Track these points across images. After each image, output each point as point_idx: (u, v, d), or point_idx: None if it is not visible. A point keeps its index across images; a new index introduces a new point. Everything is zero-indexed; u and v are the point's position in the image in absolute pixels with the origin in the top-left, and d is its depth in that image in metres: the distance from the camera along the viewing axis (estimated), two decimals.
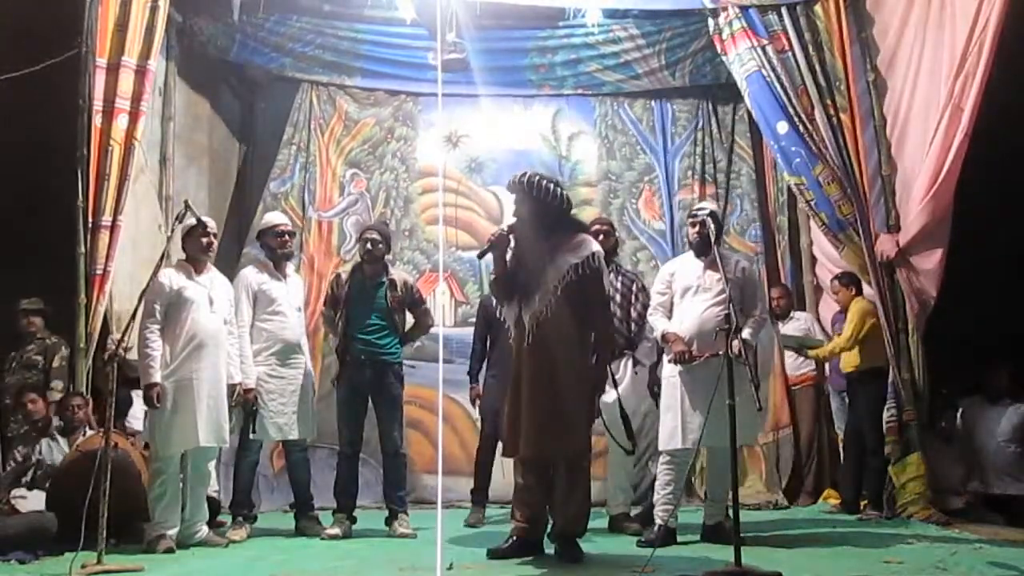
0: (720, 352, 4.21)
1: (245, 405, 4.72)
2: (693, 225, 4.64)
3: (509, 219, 6.88)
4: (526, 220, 4.06)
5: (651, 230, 7.04)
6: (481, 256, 4.48)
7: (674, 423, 4.45)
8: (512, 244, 4.09)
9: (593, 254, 3.96)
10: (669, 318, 4.63)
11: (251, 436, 4.84)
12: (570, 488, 3.94)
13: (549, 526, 4.08)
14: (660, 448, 4.57)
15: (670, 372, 4.54)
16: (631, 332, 4.96)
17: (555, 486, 3.97)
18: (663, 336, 4.59)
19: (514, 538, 4.02)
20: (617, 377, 4.87)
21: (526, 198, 4.03)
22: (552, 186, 4.02)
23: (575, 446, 3.91)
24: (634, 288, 5.04)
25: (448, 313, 6.82)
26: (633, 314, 4.97)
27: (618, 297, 4.97)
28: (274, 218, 5.20)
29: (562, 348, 3.90)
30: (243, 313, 4.84)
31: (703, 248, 4.57)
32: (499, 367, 5.21)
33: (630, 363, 4.94)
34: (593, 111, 7.30)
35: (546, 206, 4.00)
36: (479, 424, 5.62)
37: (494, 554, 3.95)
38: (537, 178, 4.04)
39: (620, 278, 5.06)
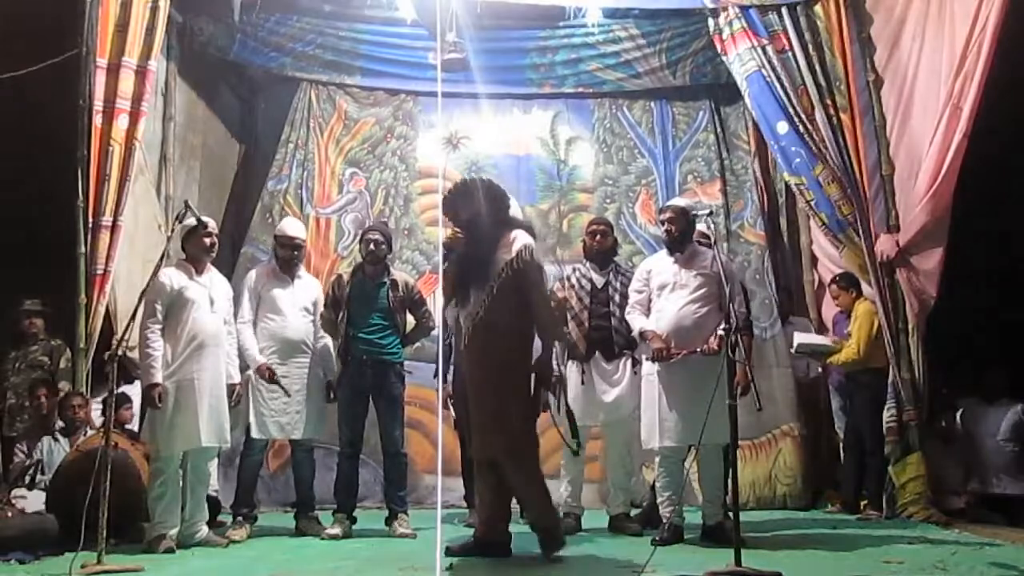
0: (699, 349, 4.31)
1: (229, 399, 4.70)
2: (662, 223, 4.69)
3: None
4: (470, 222, 4.06)
5: (647, 234, 7.03)
6: (445, 261, 4.48)
7: (652, 421, 4.48)
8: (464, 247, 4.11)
9: (524, 247, 3.92)
10: (647, 316, 4.64)
11: (252, 435, 4.85)
12: (526, 483, 3.92)
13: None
14: (643, 446, 4.61)
15: (648, 370, 4.56)
16: (630, 332, 4.96)
17: (513, 484, 3.96)
18: (641, 334, 4.60)
19: (473, 538, 4.03)
20: (616, 377, 4.92)
21: (470, 201, 4.04)
22: (492, 188, 4.08)
23: (515, 443, 3.87)
24: None
25: None
26: None
27: (617, 298, 4.98)
28: (287, 227, 5.18)
29: (499, 347, 3.86)
30: (243, 310, 4.88)
31: (676, 245, 4.61)
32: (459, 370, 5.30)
33: (629, 363, 4.95)
34: (592, 114, 7.31)
35: (486, 208, 4.01)
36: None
37: (450, 551, 3.91)
38: (478, 181, 4.13)
39: (619, 278, 5.06)
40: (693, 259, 4.58)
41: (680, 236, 4.59)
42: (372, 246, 4.98)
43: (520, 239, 3.96)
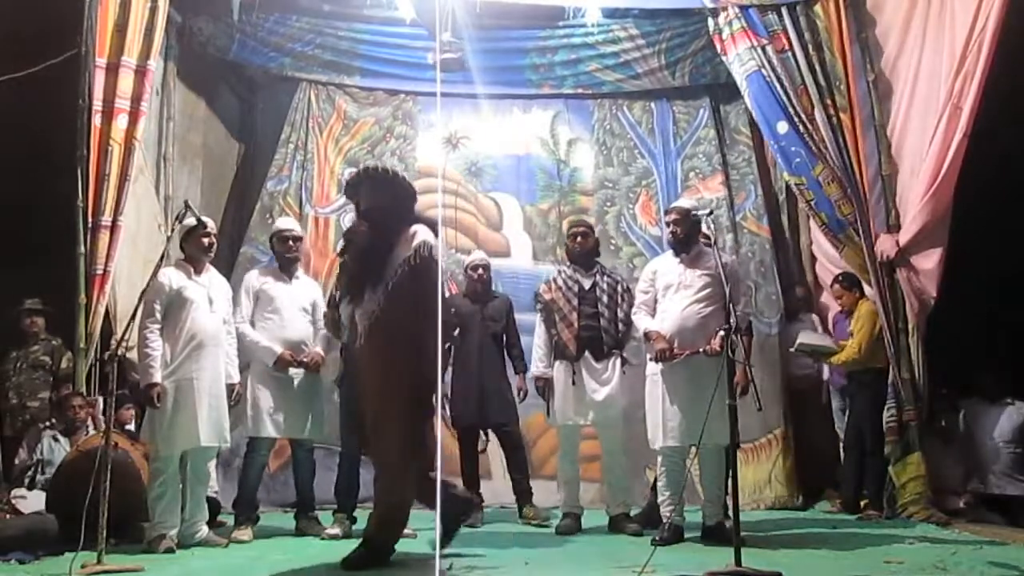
0: (702, 350, 4.32)
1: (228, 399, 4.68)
2: (667, 224, 4.70)
3: (508, 225, 7.05)
4: (371, 213, 3.86)
5: (647, 235, 7.04)
6: (341, 254, 4.22)
7: (655, 421, 4.50)
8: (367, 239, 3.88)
9: (424, 243, 3.71)
10: (653, 316, 4.66)
11: (253, 434, 4.83)
12: (386, 491, 3.80)
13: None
14: (650, 446, 4.61)
15: (652, 370, 4.57)
16: (618, 332, 4.99)
17: (379, 487, 3.86)
18: (646, 334, 4.62)
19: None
20: (605, 376, 4.95)
21: (372, 190, 3.87)
22: (398, 180, 3.93)
23: (398, 449, 3.71)
24: (619, 289, 5.08)
25: None
26: (620, 314, 5.00)
27: (605, 298, 5.02)
28: (283, 223, 5.22)
29: (393, 349, 3.66)
30: (242, 309, 4.87)
31: (682, 246, 4.63)
32: (465, 367, 5.39)
33: (618, 362, 4.98)
34: (591, 115, 7.32)
35: (393, 199, 3.87)
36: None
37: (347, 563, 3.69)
38: (383, 170, 3.97)
39: (605, 279, 5.10)
40: (698, 260, 4.59)
41: (685, 237, 4.61)
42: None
43: (421, 234, 3.75)
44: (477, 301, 5.53)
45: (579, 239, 5.15)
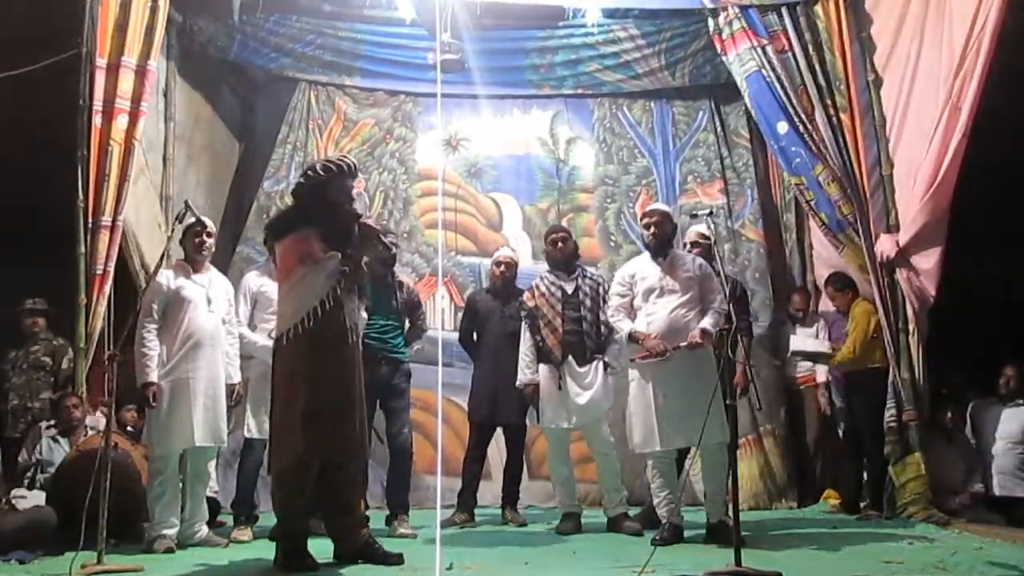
0: (682, 344, 4.36)
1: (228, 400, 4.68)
2: (648, 227, 4.67)
3: (508, 226, 7.05)
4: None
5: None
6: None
7: (648, 425, 4.44)
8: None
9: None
10: (632, 319, 4.63)
11: (247, 434, 4.82)
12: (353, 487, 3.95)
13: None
14: (637, 451, 4.57)
15: (634, 375, 4.54)
16: (600, 336, 4.98)
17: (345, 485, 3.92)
18: (631, 336, 4.57)
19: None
20: (588, 380, 4.93)
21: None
22: None
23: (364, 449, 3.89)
24: (600, 291, 5.06)
25: (448, 317, 6.83)
26: (602, 316, 4.97)
27: (588, 302, 5.01)
28: None
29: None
30: (240, 313, 4.85)
31: (660, 249, 4.62)
32: (483, 363, 5.44)
33: (601, 366, 4.96)
34: (591, 114, 7.32)
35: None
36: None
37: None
38: None
39: (587, 281, 5.09)
40: (676, 263, 4.61)
41: (666, 240, 4.62)
42: (394, 249, 5.02)
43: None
44: (498, 297, 5.51)
45: (558, 244, 5.14)
